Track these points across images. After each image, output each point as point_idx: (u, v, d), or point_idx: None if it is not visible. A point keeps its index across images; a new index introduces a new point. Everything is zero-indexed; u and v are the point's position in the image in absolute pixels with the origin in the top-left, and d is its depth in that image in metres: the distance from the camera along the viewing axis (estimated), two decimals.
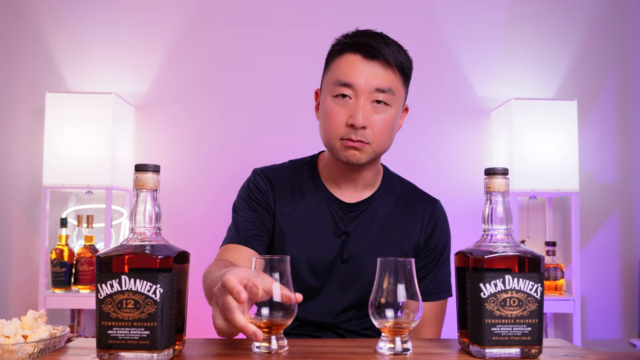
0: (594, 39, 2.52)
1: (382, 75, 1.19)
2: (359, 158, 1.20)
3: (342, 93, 1.19)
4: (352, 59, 1.20)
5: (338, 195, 1.30)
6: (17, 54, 2.44)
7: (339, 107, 1.20)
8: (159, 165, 0.85)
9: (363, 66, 1.19)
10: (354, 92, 1.19)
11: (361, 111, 1.17)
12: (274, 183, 1.31)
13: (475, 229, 2.23)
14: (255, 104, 2.45)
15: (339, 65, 1.22)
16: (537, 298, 0.84)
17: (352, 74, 1.19)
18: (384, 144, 1.23)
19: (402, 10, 2.50)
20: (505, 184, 0.87)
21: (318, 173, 1.33)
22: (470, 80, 2.50)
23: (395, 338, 0.85)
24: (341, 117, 1.19)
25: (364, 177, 1.29)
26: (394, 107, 1.22)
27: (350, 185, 1.29)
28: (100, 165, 2.16)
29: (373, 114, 1.19)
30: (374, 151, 1.21)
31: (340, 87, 1.19)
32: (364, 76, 1.18)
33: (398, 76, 1.22)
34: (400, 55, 1.22)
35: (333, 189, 1.30)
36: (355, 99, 1.19)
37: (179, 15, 2.47)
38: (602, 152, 2.50)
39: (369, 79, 1.18)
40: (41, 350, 0.85)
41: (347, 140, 1.19)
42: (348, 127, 1.18)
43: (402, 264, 0.86)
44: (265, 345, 0.86)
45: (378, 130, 1.19)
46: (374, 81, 1.18)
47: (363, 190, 1.31)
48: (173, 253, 0.82)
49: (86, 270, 2.17)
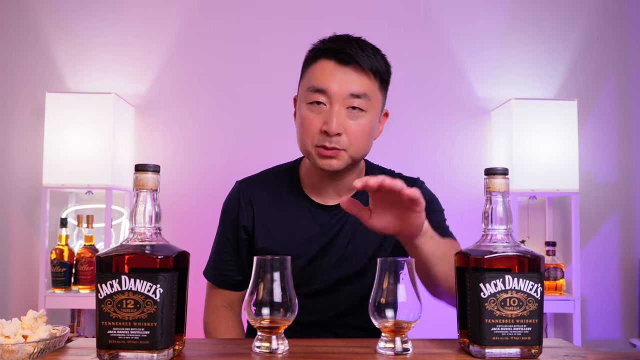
0: (594, 39, 2.52)
1: (357, 80, 1.17)
2: (335, 166, 1.18)
3: (316, 100, 1.17)
4: (326, 65, 1.18)
5: (320, 201, 1.28)
6: (17, 54, 2.44)
7: (313, 114, 1.18)
8: (159, 165, 0.85)
9: (337, 72, 1.17)
10: (328, 98, 1.17)
11: (335, 118, 1.15)
12: (254, 202, 1.30)
13: (475, 229, 2.23)
14: (255, 103, 2.45)
15: (313, 72, 1.20)
16: (537, 298, 0.83)
17: (326, 80, 1.17)
18: (361, 150, 1.20)
19: (402, 10, 2.50)
20: (505, 184, 0.87)
21: (299, 180, 1.31)
22: (470, 80, 2.50)
23: (395, 338, 0.85)
24: (315, 124, 1.17)
25: (346, 182, 1.27)
26: (370, 112, 1.19)
27: (332, 190, 1.28)
28: (100, 165, 2.16)
29: (348, 120, 1.17)
30: (350, 157, 1.19)
31: (314, 93, 1.18)
32: (338, 82, 1.16)
33: (374, 81, 1.20)
34: (376, 60, 1.20)
35: (314, 195, 1.29)
36: (329, 105, 1.17)
37: (179, 16, 2.48)
38: (602, 152, 2.50)
39: (342, 85, 1.16)
40: (41, 350, 0.85)
41: (321, 148, 1.17)
42: (322, 134, 1.16)
43: (402, 264, 0.86)
44: (265, 345, 0.86)
45: (354, 136, 1.17)
46: (348, 87, 1.16)
47: (346, 194, 1.29)
48: (173, 253, 0.82)
49: (86, 270, 2.17)
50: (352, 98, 1.17)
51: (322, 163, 1.18)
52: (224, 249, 1.33)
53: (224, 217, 1.35)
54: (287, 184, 1.31)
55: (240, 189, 1.33)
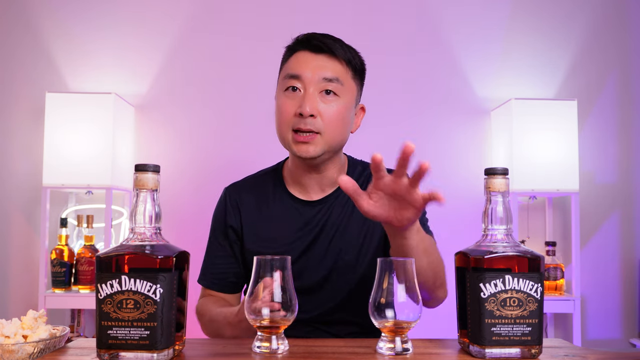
0: (594, 39, 2.52)
1: (330, 66, 1.24)
2: (312, 151, 1.22)
3: (291, 85, 1.23)
4: (301, 55, 1.26)
5: (304, 196, 1.32)
6: (17, 54, 2.44)
7: (289, 99, 1.23)
8: (158, 165, 0.85)
9: (311, 59, 1.24)
10: (303, 83, 1.23)
11: (309, 100, 1.20)
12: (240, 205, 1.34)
13: (475, 229, 2.23)
14: (254, 103, 2.45)
15: (289, 62, 1.27)
16: (537, 298, 0.84)
17: (301, 66, 1.24)
18: (336, 135, 1.24)
19: (402, 10, 2.50)
20: (505, 184, 0.87)
21: (282, 180, 1.35)
22: (470, 80, 2.50)
23: (395, 338, 0.85)
24: (291, 107, 1.22)
25: (328, 175, 1.30)
26: (343, 98, 1.24)
27: (315, 185, 1.31)
28: (100, 165, 2.16)
29: (321, 104, 1.22)
30: (326, 142, 1.22)
31: (289, 79, 1.24)
32: (312, 68, 1.23)
33: (346, 68, 1.25)
34: (349, 52, 1.27)
35: (299, 193, 1.32)
36: (304, 90, 1.23)
37: (179, 16, 2.47)
38: (602, 152, 2.50)
39: (316, 70, 1.23)
40: (41, 350, 0.85)
41: (296, 133, 1.21)
42: (297, 117, 1.21)
43: (402, 264, 0.86)
44: (265, 345, 0.86)
45: (328, 119, 1.22)
46: (321, 72, 1.23)
47: (330, 188, 1.31)
48: (173, 253, 0.82)
49: (86, 270, 2.17)
50: (325, 82, 1.22)
51: (298, 149, 1.22)
52: (216, 254, 1.35)
53: (214, 223, 1.38)
54: (272, 185, 1.35)
55: (227, 193, 1.38)
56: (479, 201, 2.39)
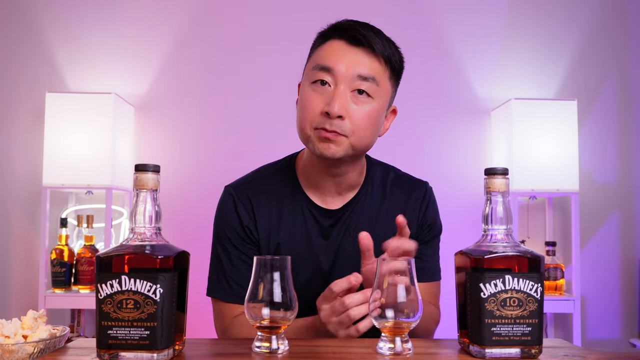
0: (594, 39, 2.52)
1: (366, 62, 1.09)
2: (334, 151, 1.08)
3: (320, 79, 1.09)
4: (335, 44, 1.11)
5: (321, 202, 1.20)
6: (17, 54, 2.44)
7: (316, 94, 1.09)
8: (159, 165, 0.85)
9: (346, 51, 1.10)
10: (334, 78, 1.09)
11: (338, 99, 1.06)
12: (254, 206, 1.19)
13: (475, 229, 2.23)
14: (254, 103, 2.45)
15: (321, 51, 1.13)
16: (537, 298, 0.83)
17: (333, 58, 1.09)
18: (364, 139, 1.10)
19: (402, 10, 2.50)
20: (505, 184, 0.87)
21: (297, 180, 1.22)
22: (470, 80, 2.50)
23: (395, 338, 0.85)
24: (317, 104, 1.08)
25: (347, 179, 1.18)
26: (377, 100, 1.10)
27: (333, 189, 1.19)
28: (100, 165, 2.16)
29: (352, 104, 1.08)
30: (351, 145, 1.09)
31: (319, 72, 1.09)
32: (346, 62, 1.08)
33: (384, 67, 1.11)
34: (390, 47, 1.12)
35: (315, 196, 1.20)
36: (334, 86, 1.09)
37: (179, 16, 2.48)
38: (602, 152, 2.50)
39: (350, 65, 1.08)
40: (41, 350, 0.85)
41: (321, 129, 1.08)
42: (323, 116, 1.07)
43: (402, 264, 0.86)
44: (265, 345, 0.86)
45: (357, 122, 1.08)
46: (356, 67, 1.08)
47: (347, 192, 1.21)
48: (173, 253, 0.82)
49: (86, 270, 2.17)
50: (360, 80, 1.08)
51: (320, 147, 1.09)
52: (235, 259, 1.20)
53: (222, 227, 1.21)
54: (287, 186, 1.22)
55: (233, 194, 1.22)
56: (479, 201, 2.40)
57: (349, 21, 1.14)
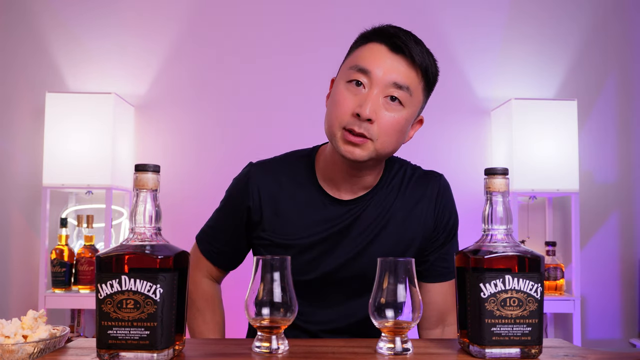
0: (594, 39, 2.52)
1: (404, 71, 1.11)
2: (358, 155, 1.11)
3: (356, 79, 1.11)
4: (376, 48, 1.13)
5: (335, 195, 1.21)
6: (17, 54, 2.44)
7: (350, 93, 1.12)
8: (159, 165, 0.85)
9: (386, 57, 1.11)
10: (369, 81, 1.11)
11: (371, 102, 1.09)
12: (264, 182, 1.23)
13: (475, 229, 2.23)
14: (254, 103, 2.45)
15: (361, 52, 1.14)
16: (537, 298, 0.83)
17: (372, 61, 1.11)
18: (388, 145, 1.13)
19: (402, 9, 2.50)
20: (505, 184, 0.87)
21: (314, 169, 1.24)
22: (470, 80, 2.50)
23: (395, 338, 0.85)
24: (349, 104, 1.10)
25: (363, 181, 1.20)
26: (407, 109, 1.13)
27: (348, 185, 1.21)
28: (100, 165, 2.16)
29: (383, 110, 1.10)
30: (375, 150, 1.11)
31: (356, 72, 1.12)
32: (384, 67, 1.10)
33: (420, 78, 1.14)
34: (429, 58, 1.16)
35: (328, 187, 1.22)
36: (368, 89, 1.10)
37: (179, 16, 2.48)
38: (602, 152, 2.50)
39: (388, 71, 1.10)
40: (41, 350, 0.85)
41: (348, 132, 1.10)
42: (353, 117, 1.09)
43: (402, 264, 0.86)
44: (265, 345, 0.86)
45: (384, 128, 1.10)
46: (393, 75, 1.10)
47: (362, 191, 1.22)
48: (173, 253, 0.82)
49: (86, 270, 2.17)
50: (394, 88, 1.11)
51: (344, 149, 1.11)
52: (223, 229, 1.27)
53: (228, 197, 1.28)
54: (303, 173, 1.24)
55: (251, 172, 1.25)
56: (479, 201, 2.40)
57: (393, 27, 1.16)
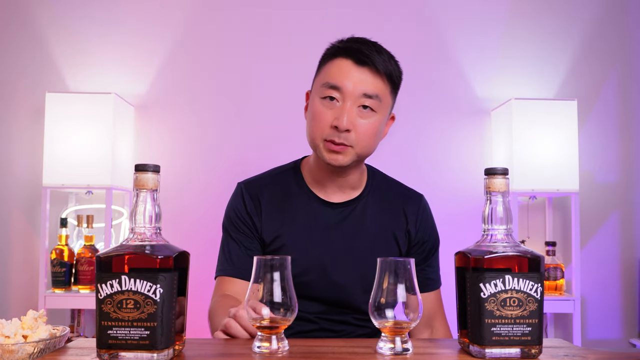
0: (594, 39, 2.52)
1: (371, 81, 1.22)
2: (341, 161, 1.23)
3: (330, 95, 1.22)
4: (343, 64, 1.23)
5: (325, 197, 1.32)
6: (17, 54, 2.44)
7: (326, 108, 1.23)
8: (159, 165, 0.85)
9: (353, 71, 1.22)
10: (342, 95, 1.22)
11: (347, 114, 1.20)
12: (261, 199, 1.32)
13: (475, 229, 2.23)
14: (255, 103, 2.45)
15: (330, 69, 1.25)
16: (537, 298, 0.84)
17: (342, 77, 1.22)
18: (367, 148, 1.25)
19: (402, 9, 2.50)
20: (505, 184, 0.87)
21: (303, 178, 1.35)
22: (470, 80, 2.50)
23: (395, 338, 0.85)
24: (327, 118, 1.22)
25: (349, 180, 1.32)
26: (379, 113, 1.24)
27: (336, 187, 1.32)
28: (100, 165, 2.16)
29: (358, 118, 1.22)
30: (357, 154, 1.24)
31: (329, 89, 1.23)
32: (353, 81, 1.21)
33: (386, 84, 1.25)
34: (391, 64, 1.26)
35: (319, 192, 1.33)
36: (342, 102, 1.22)
37: (179, 15, 2.47)
38: (602, 152, 2.50)
39: (357, 84, 1.21)
40: (41, 350, 0.85)
41: (329, 142, 1.22)
42: (332, 129, 1.21)
43: (402, 264, 0.86)
44: (265, 345, 0.86)
45: (362, 134, 1.22)
46: (362, 87, 1.22)
47: (350, 191, 1.34)
48: (173, 253, 0.82)
49: (86, 270, 2.17)
50: (364, 98, 1.22)
51: (329, 157, 1.23)
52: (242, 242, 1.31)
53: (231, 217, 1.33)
54: (293, 182, 1.35)
55: (243, 188, 1.35)
56: (479, 201, 2.39)
57: (356, 41, 1.26)
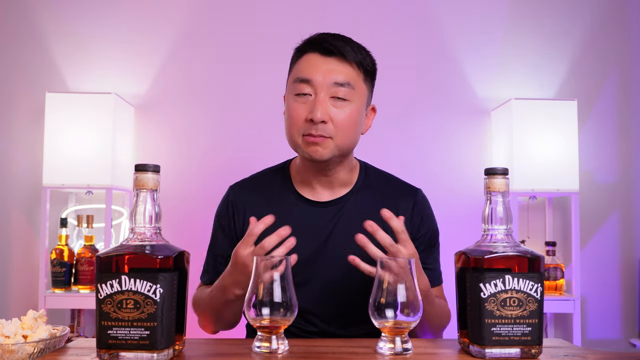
0: (594, 39, 2.52)
1: (340, 70, 1.21)
2: (321, 154, 1.20)
3: (302, 91, 1.21)
4: (310, 58, 1.23)
5: (313, 197, 1.30)
6: (17, 54, 2.44)
7: (299, 104, 1.22)
8: (158, 165, 0.85)
9: (321, 63, 1.22)
10: (313, 88, 1.21)
11: (320, 106, 1.18)
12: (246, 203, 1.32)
13: (475, 229, 2.23)
14: (255, 103, 2.45)
15: (299, 65, 1.25)
16: (537, 298, 0.84)
17: (311, 70, 1.21)
18: (347, 139, 1.22)
19: (401, 9, 2.50)
20: (505, 184, 0.87)
21: (290, 179, 1.33)
22: (470, 80, 2.50)
23: (395, 338, 0.85)
24: (301, 113, 1.21)
25: (338, 177, 1.29)
26: (354, 102, 1.22)
27: (324, 186, 1.30)
28: (100, 165, 2.16)
29: (333, 109, 1.20)
30: (337, 146, 1.21)
31: (299, 84, 1.22)
32: (322, 72, 1.21)
33: (357, 71, 1.23)
34: (360, 53, 1.24)
35: (307, 192, 1.30)
36: (314, 95, 1.20)
37: (179, 16, 2.47)
38: (602, 152, 2.50)
39: (326, 75, 1.20)
40: (41, 350, 0.85)
41: (307, 136, 1.20)
42: (308, 123, 1.20)
43: (402, 264, 0.86)
44: (265, 345, 0.86)
45: (339, 124, 1.20)
46: (332, 76, 1.20)
47: (340, 189, 1.31)
48: (173, 253, 0.82)
49: (86, 270, 2.17)
50: (336, 87, 1.20)
51: (309, 150, 1.20)
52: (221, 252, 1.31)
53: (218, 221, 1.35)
54: (279, 184, 1.33)
55: (231, 192, 1.36)
56: (479, 201, 2.40)
57: (321, 34, 1.26)
